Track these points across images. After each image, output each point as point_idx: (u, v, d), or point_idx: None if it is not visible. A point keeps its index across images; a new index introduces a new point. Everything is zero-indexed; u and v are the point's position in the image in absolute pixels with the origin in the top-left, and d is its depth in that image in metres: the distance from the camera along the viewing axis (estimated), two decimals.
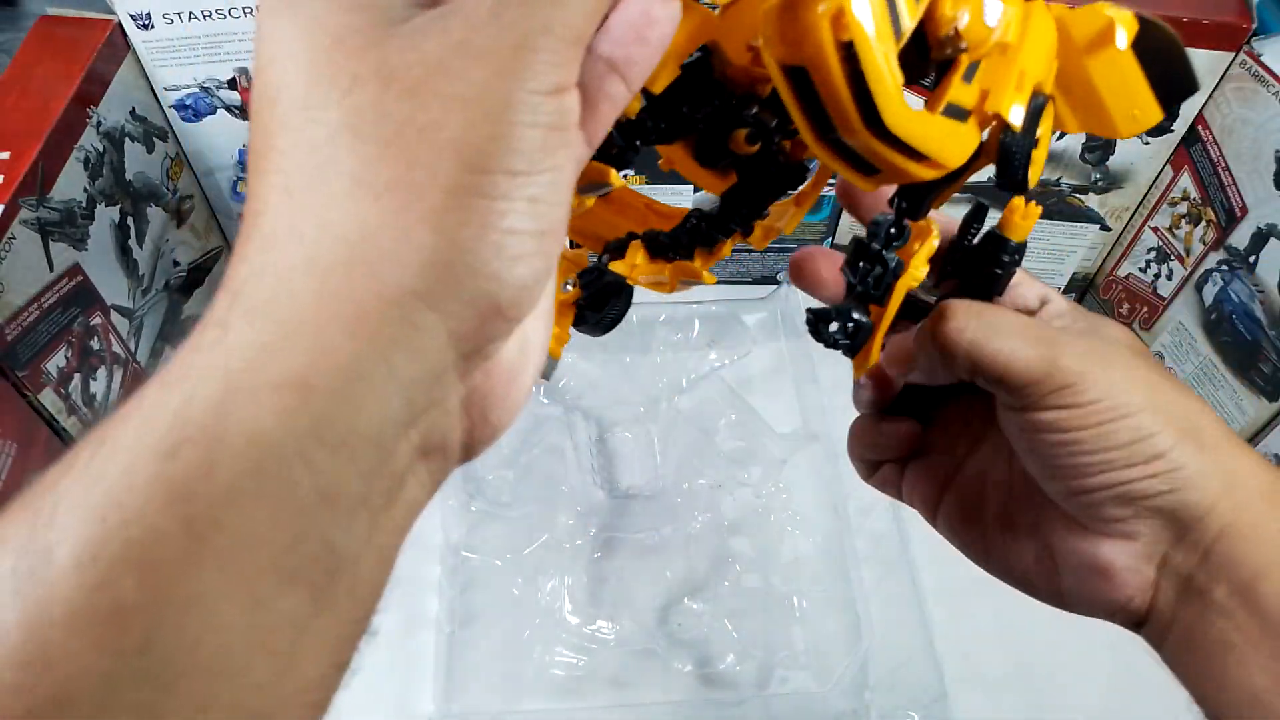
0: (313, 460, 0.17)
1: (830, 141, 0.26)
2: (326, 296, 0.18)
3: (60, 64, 0.52)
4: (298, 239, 0.18)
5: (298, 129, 0.18)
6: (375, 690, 0.54)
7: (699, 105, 0.29)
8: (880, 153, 0.26)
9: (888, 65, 0.24)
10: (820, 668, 0.56)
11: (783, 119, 0.29)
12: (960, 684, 0.55)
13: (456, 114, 0.18)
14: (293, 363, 0.17)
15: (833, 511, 0.61)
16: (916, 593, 0.57)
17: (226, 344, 0.17)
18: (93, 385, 0.51)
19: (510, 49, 0.18)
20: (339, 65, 0.18)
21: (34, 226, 0.46)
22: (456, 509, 0.61)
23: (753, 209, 0.33)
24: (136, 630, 0.16)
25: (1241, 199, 0.61)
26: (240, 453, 0.17)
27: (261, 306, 0.18)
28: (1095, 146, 0.67)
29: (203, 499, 0.16)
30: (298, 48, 0.19)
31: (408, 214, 0.18)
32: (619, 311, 0.35)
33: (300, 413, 0.17)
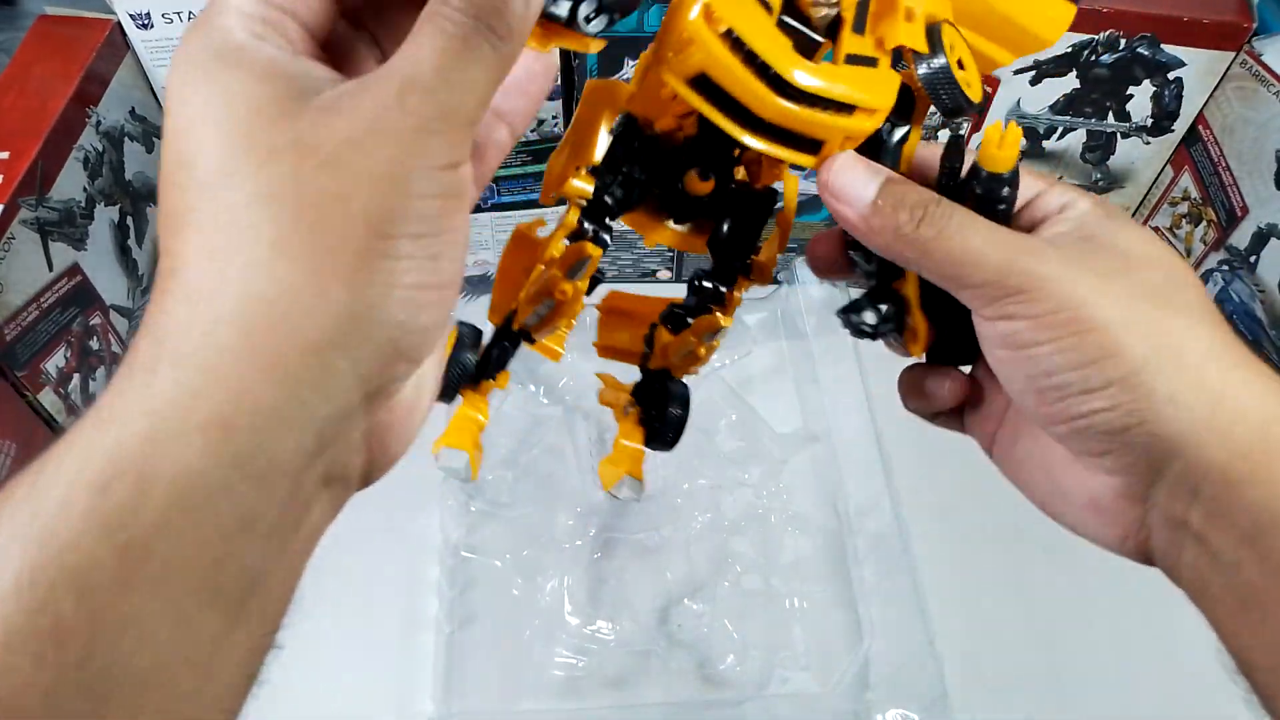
0: (234, 491, 0.19)
1: (759, 128, 0.27)
2: (251, 349, 0.20)
3: (59, 63, 0.52)
4: (222, 297, 0.20)
5: (215, 195, 0.20)
6: (375, 691, 0.54)
7: (639, 162, 0.31)
8: (803, 117, 0.26)
9: (768, 33, 0.26)
10: (821, 668, 0.55)
11: (717, 145, 0.30)
12: (961, 684, 0.54)
13: (366, 187, 0.20)
14: (218, 406, 0.19)
15: (833, 512, 0.61)
16: (917, 593, 0.57)
17: (154, 389, 0.19)
18: (92, 385, 0.51)
19: (412, 131, 0.20)
20: (256, 137, 0.20)
21: (33, 226, 0.46)
22: (456, 509, 0.61)
23: (741, 246, 0.33)
24: (75, 647, 0.18)
25: (1242, 199, 0.61)
26: (169, 487, 0.19)
27: (189, 356, 0.19)
28: (1096, 146, 0.67)
29: (135, 529, 0.18)
30: (216, 116, 0.21)
31: (323, 275, 0.20)
32: (680, 416, 0.36)
33: (224, 449, 0.19)
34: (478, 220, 0.71)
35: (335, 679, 0.54)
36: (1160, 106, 0.63)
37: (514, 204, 0.71)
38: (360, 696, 0.54)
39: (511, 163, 0.68)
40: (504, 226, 0.72)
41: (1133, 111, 0.64)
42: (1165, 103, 0.63)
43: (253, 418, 0.19)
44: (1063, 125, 0.65)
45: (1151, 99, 0.63)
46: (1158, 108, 0.64)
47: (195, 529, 0.19)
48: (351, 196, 0.20)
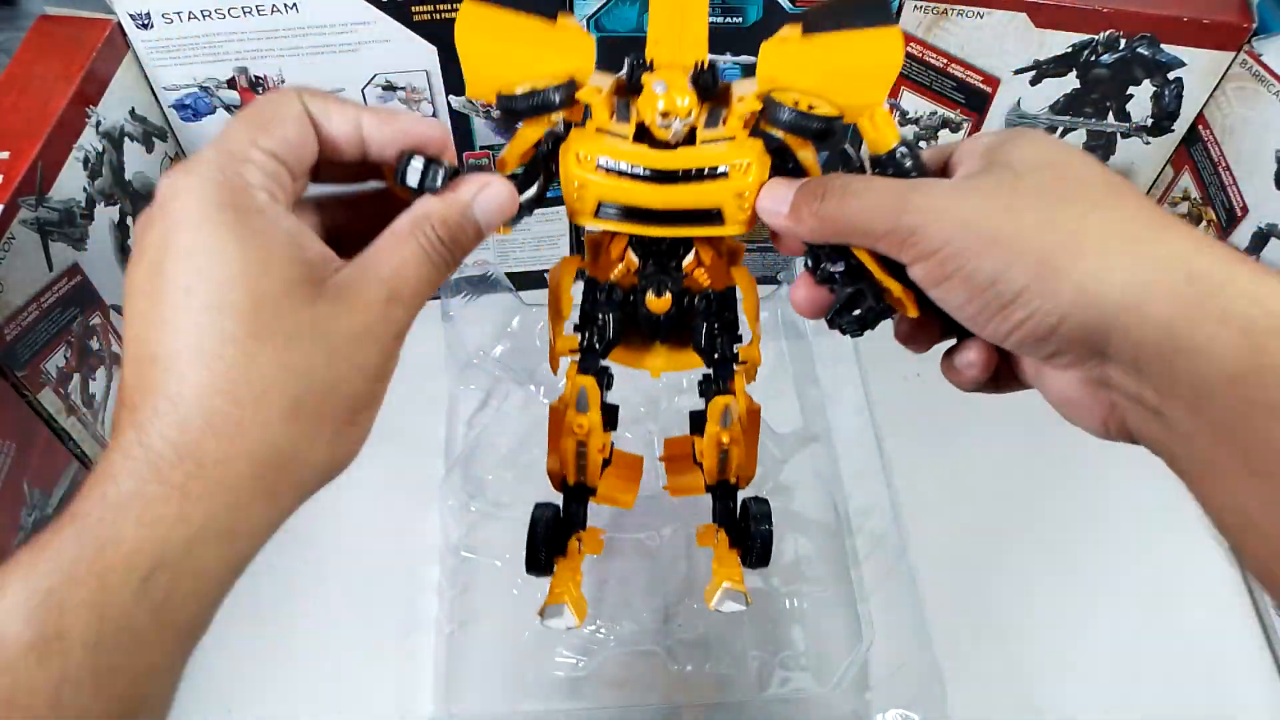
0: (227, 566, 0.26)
1: (664, 220, 0.33)
2: (258, 483, 0.25)
3: (59, 64, 0.52)
4: (243, 440, 0.25)
5: (240, 365, 0.25)
6: (375, 691, 0.54)
7: (606, 307, 0.37)
8: (690, 192, 0.32)
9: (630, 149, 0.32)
10: (820, 668, 0.55)
11: (657, 264, 0.36)
12: (960, 684, 0.54)
13: (356, 378, 0.27)
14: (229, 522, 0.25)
15: (833, 512, 0.61)
16: (916, 593, 0.57)
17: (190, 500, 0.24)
18: (92, 385, 0.51)
19: (391, 339, 0.28)
20: (284, 320, 0.25)
21: (33, 226, 0.46)
22: (456, 510, 0.61)
23: (723, 342, 0.38)
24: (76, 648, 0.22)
25: (1242, 199, 0.61)
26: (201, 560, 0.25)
27: (210, 488, 0.24)
28: (1096, 146, 0.67)
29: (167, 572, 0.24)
30: (248, 286, 0.25)
31: (315, 440, 0.26)
32: (769, 531, 0.39)
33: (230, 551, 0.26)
34: None
35: (335, 679, 0.54)
36: (1160, 106, 0.63)
37: None
38: (360, 696, 0.54)
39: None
40: None
41: (1133, 111, 0.64)
42: (1165, 103, 0.63)
43: (251, 530, 0.26)
44: (1063, 125, 0.65)
45: (1151, 99, 0.63)
46: (1158, 108, 0.64)
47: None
48: (345, 384, 0.27)
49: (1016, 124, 0.66)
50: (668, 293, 0.36)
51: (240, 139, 0.26)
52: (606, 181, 0.33)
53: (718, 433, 0.38)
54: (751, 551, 0.38)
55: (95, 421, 0.51)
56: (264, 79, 0.59)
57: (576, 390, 0.37)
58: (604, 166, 0.32)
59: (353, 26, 0.58)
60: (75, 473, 0.49)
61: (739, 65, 0.62)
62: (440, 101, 0.62)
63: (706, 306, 0.37)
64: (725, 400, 0.38)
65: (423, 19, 0.58)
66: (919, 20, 0.61)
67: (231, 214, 0.25)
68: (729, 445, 0.38)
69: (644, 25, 0.60)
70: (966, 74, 0.63)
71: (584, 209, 0.34)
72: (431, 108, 0.63)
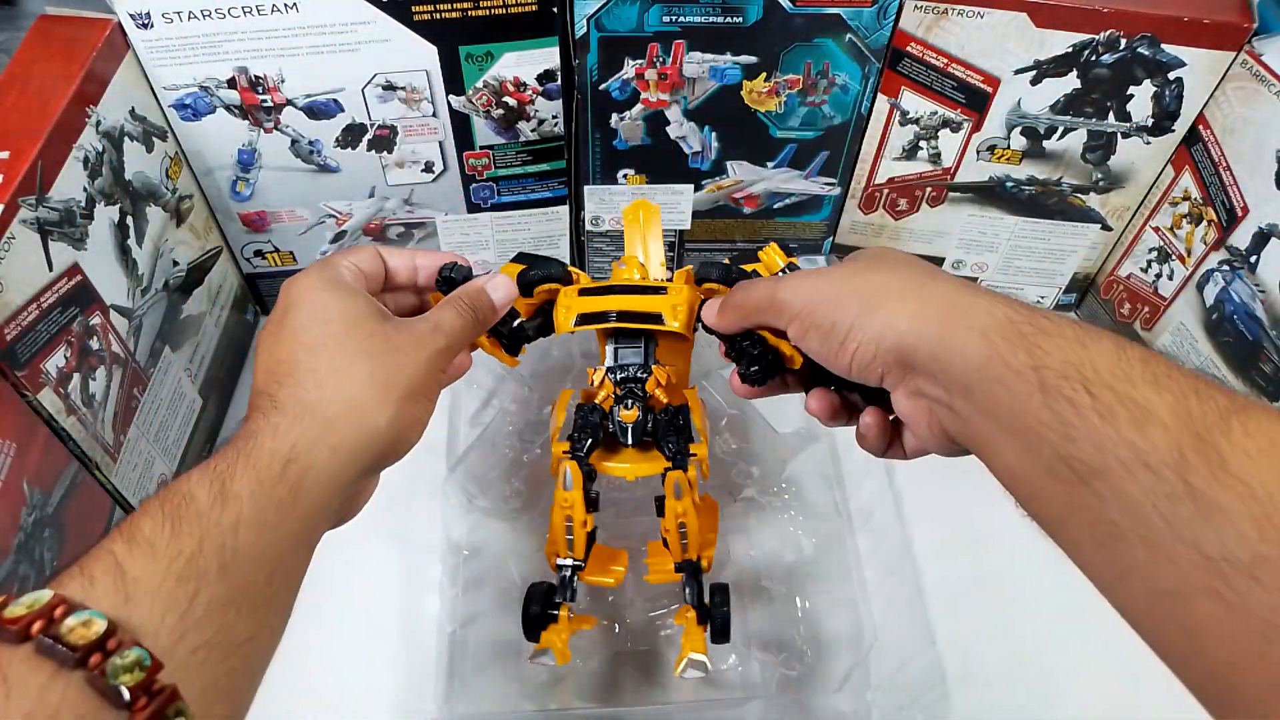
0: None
1: (620, 319, 0.47)
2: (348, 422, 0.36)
3: (59, 63, 0.51)
4: (328, 402, 0.36)
5: (335, 350, 0.37)
6: (377, 690, 0.54)
7: (587, 415, 0.49)
8: (640, 300, 0.47)
9: (602, 283, 0.49)
10: (822, 668, 0.56)
11: (626, 387, 0.49)
12: (962, 684, 0.55)
13: (412, 368, 0.39)
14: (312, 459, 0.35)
15: (834, 511, 0.61)
16: (919, 592, 0.57)
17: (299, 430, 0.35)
18: (92, 385, 0.51)
19: (438, 351, 0.40)
20: (361, 326, 0.39)
21: (33, 226, 0.46)
22: (458, 508, 0.61)
23: (677, 442, 0.49)
24: None
25: (1243, 199, 0.61)
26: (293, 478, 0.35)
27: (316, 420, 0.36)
28: (1096, 146, 0.67)
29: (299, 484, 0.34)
30: (340, 311, 0.39)
31: (386, 401, 0.37)
32: (727, 612, 0.49)
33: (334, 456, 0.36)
34: (478, 220, 0.71)
35: (337, 677, 0.54)
36: (1161, 106, 0.63)
37: (512, 204, 0.71)
38: (361, 695, 0.54)
39: (512, 163, 0.68)
40: (502, 227, 0.72)
41: (1133, 111, 0.64)
42: (1166, 103, 0.63)
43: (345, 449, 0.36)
44: (1063, 125, 0.65)
45: (1152, 99, 0.63)
46: (1158, 108, 0.64)
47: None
48: (403, 370, 0.38)
49: (1017, 124, 0.66)
50: (636, 407, 0.48)
51: (335, 257, 0.42)
52: (589, 298, 0.48)
53: (674, 504, 0.48)
54: (718, 631, 0.48)
55: (95, 421, 0.51)
56: (264, 79, 0.59)
57: (563, 472, 0.48)
58: (585, 289, 0.48)
59: (353, 26, 0.58)
60: (75, 472, 0.49)
61: (739, 65, 0.62)
62: (440, 101, 0.62)
63: (666, 418, 0.49)
64: (676, 474, 0.47)
65: (423, 19, 0.58)
66: (919, 20, 0.61)
67: (331, 285, 0.39)
68: (683, 516, 0.47)
69: (643, 25, 0.60)
70: (967, 74, 0.63)
71: (567, 321, 0.48)
72: (431, 107, 0.63)
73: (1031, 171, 0.69)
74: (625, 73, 0.63)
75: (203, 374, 0.65)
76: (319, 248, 0.71)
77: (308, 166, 0.65)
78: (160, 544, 0.29)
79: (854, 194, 0.73)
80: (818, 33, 0.61)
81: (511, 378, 0.67)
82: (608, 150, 0.68)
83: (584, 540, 0.49)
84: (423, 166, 0.67)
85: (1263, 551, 0.25)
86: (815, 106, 0.65)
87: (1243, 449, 0.26)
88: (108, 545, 0.29)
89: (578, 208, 0.73)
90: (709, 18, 0.60)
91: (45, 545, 0.45)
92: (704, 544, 0.50)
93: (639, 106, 0.65)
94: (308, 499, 0.34)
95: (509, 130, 0.65)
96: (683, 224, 0.74)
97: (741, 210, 0.73)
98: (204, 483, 0.31)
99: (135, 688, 0.26)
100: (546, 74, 0.62)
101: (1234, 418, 0.27)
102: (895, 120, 0.67)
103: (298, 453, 0.34)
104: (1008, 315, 0.33)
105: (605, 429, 0.49)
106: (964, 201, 0.72)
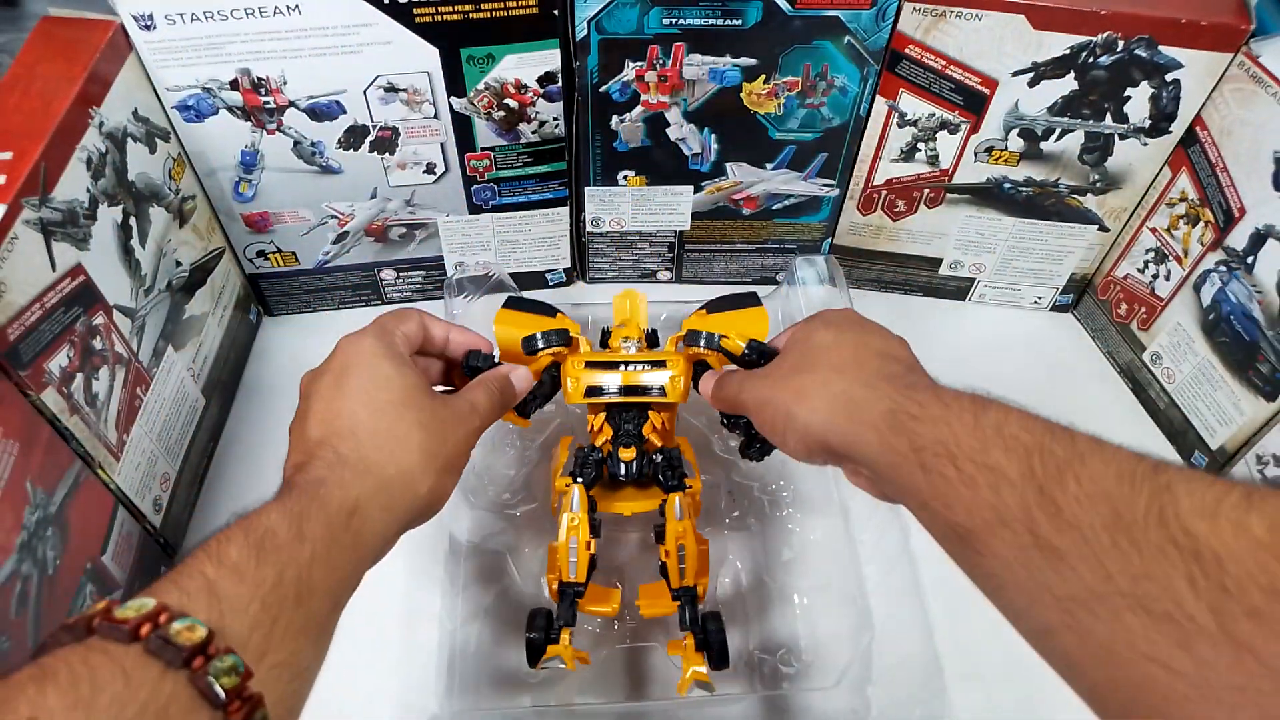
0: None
1: (625, 393, 0.54)
2: (398, 482, 0.40)
3: (62, 64, 0.52)
4: (383, 468, 0.40)
5: (394, 419, 0.41)
6: (378, 688, 0.54)
7: (586, 455, 0.54)
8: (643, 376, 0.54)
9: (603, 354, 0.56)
10: (822, 665, 0.56)
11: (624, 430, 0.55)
12: (961, 680, 0.55)
13: (453, 444, 0.43)
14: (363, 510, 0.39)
15: (834, 508, 0.62)
16: (918, 589, 0.57)
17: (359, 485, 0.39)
18: (95, 385, 0.51)
19: (473, 430, 0.45)
20: (411, 400, 0.42)
21: (36, 226, 0.46)
22: (460, 507, 0.61)
23: (672, 477, 0.54)
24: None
25: (1240, 200, 0.61)
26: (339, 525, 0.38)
27: (374, 478, 0.40)
28: (1094, 148, 0.67)
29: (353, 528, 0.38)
30: (394, 383, 0.42)
31: (429, 472, 0.41)
32: (723, 639, 0.51)
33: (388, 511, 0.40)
34: (479, 221, 0.72)
35: (338, 675, 0.54)
36: (1158, 108, 0.64)
37: (513, 205, 0.71)
38: (363, 693, 0.54)
39: (513, 165, 0.68)
40: (503, 227, 0.73)
41: (1131, 113, 0.64)
42: (1163, 104, 0.63)
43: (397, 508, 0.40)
44: (1061, 127, 0.66)
45: (1149, 100, 0.63)
46: (1155, 109, 0.64)
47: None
48: (448, 443, 0.43)
49: (1015, 126, 0.66)
50: (633, 446, 0.54)
51: (389, 322, 0.46)
52: (594, 372, 0.54)
53: (674, 526, 0.51)
54: (716, 657, 0.50)
55: (98, 421, 0.51)
56: (266, 80, 0.60)
57: (570, 495, 0.52)
58: (591, 362, 0.54)
59: (355, 28, 0.58)
60: (78, 471, 0.49)
61: (738, 67, 0.63)
62: (442, 103, 0.63)
63: (662, 458, 0.54)
64: (675, 495, 0.52)
65: (425, 21, 0.58)
66: (917, 22, 0.61)
67: (390, 355, 0.43)
68: (682, 538, 0.51)
69: (643, 27, 0.60)
70: (965, 76, 0.63)
71: (577, 392, 0.54)
72: (433, 109, 0.63)
73: (1029, 173, 0.69)
74: (625, 75, 0.63)
75: (205, 374, 0.66)
76: (321, 248, 0.71)
77: (310, 168, 0.65)
78: (247, 571, 0.32)
79: (852, 195, 0.73)
80: (817, 35, 0.61)
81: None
82: (608, 152, 0.68)
83: (586, 563, 0.51)
84: (424, 168, 0.67)
85: (1096, 588, 0.28)
86: (814, 108, 0.66)
87: (1074, 497, 0.30)
88: (196, 566, 0.32)
89: (578, 209, 0.73)
90: (709, 20, 0.60)
91: (48, 544, 0.46)
92: (699, 571, 0.52)
93: (639, 108, 0.65)
94: (363, 547, 0.38)
95: (510, 132, 0.66)
96: (682, 225, 0.75)
97: (741, 211, 0.73)
98: (283, 520, 0.35)
99: (230, 690, 0.28)
100: (547, 76, 0.63)
101: (1068, 470, 0.31)
102: (894, 122, 0.67)
103: (359, 506, 0.38)
104: (892, 407, 0.38)
105: (605, 470, 0.54)
106: (962, 203, 0.72)
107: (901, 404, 0.38)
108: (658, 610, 0.53)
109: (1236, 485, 0.27)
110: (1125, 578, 0.28)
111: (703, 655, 0.50)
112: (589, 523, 0.52)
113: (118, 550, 0.53)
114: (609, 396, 0.53)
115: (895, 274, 0.79)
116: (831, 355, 0.43)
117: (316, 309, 0.76)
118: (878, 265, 0.78)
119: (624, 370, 0.53)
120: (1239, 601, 0.25)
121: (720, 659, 0.50)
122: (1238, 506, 0.27)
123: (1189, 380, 0.68)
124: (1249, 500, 0.27)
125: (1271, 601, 0.24)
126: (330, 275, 0.74)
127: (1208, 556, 0.26)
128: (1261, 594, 0.25)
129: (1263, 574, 0.25)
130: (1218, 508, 0.27)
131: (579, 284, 0.80)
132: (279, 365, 0.73)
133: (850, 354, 0.43)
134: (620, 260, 0.78)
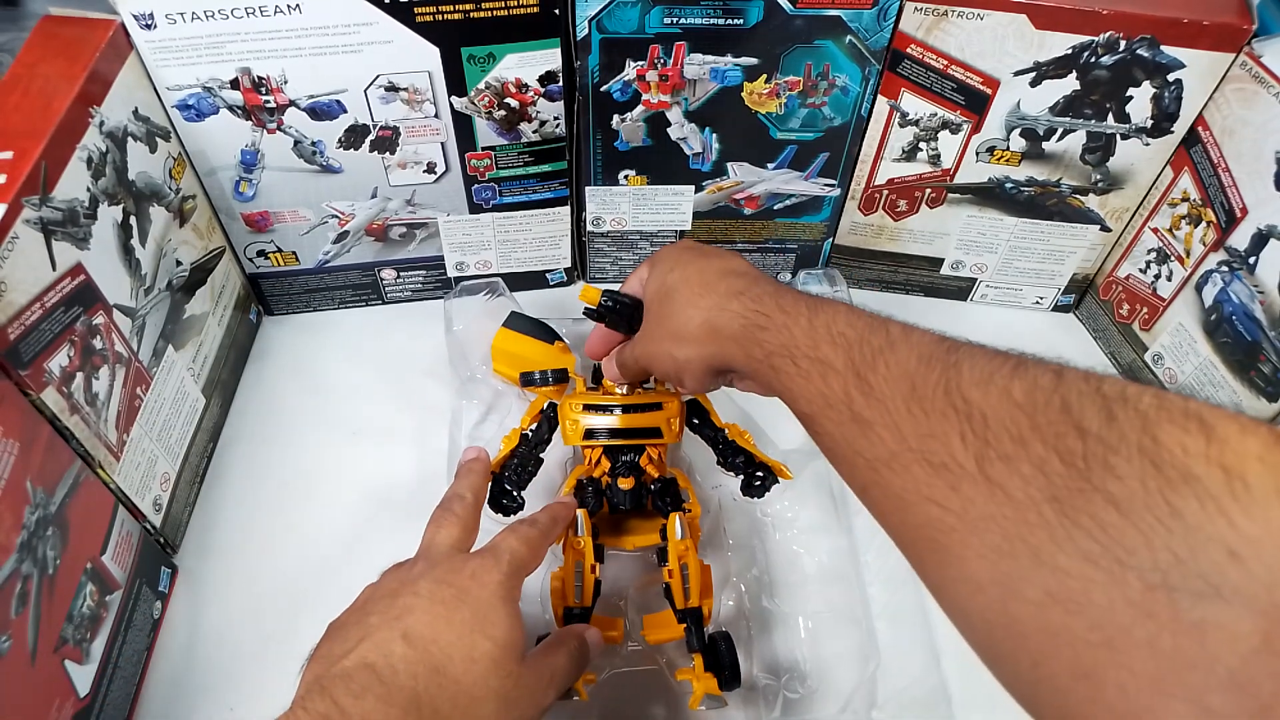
0: None
1: (622, 435, 0.56)
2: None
3: (63, 64, 0.52)
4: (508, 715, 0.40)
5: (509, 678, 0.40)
6: None
7: (586, 487, 0.55)
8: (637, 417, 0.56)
9: (597, 395, 0.58)
10: (826, 690, 0.55)
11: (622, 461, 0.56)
12: (967, 704, 0.54)
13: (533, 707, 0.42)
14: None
15: (839, 529, 0.61)
16: (924, 611, 0.56)
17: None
18: (95, 384, 0.51)
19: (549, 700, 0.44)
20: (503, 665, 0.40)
21: (36, 226, 0.46)
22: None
23: (669, 501, 0.55)
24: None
25: (1241, 200, 0.61)
26: None
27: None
28: (1095, 148, 0.67)
29: None
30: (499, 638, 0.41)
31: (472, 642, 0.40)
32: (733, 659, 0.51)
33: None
34: (480, 221, 0.72)
35: None
36: (1160, 108, 0.64)
37: (514, 205, 0.71)
38: None
39: (514, 164, 0.68)
40: (504, 227, 0.72)
41: (1132, 113, 0.64)
42: (1165, 104, 0.63)
43: None
44: (1062, 127, 0.66)
45: (1151, 100, 0.63)
46: (1157, 109, 0.64)
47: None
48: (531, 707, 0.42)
49: (1016, 126, 0.66)
50: (631, 476, 0.55)
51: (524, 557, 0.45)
52: (588, 420, 0.56)
53: (676, 544, 0.52)
54: (727, 678, 0.50)
55: (98, 420, 0.51)
56: (267, 79, 0.59)
57: (575, 519, 0.53)
58: (587, 405, 0.56)
59: (356, 27, 0.58)
60: (78, 471, 0.49)
61: (739, 67, 0.63)
62: (442, 102, 0.63)
63: (659, 486, 0.56)
64: (674, 515, 0.53)
65: (426, 20, 0.58)
66: (919, 21, 0.61)
67: (508, 603, 0.42)
68: (684, 556, 0.51)
69: (644, 26, 0.60)
70: (966, 75, 0.63)
71: (575, 435, 0.56)
72: (434, 108, 0.63)
73: (1031, 173, 0.69)
74: (626, 74, 0.63)
75: (205, 373, 0.66)
76: (321, 248, 0.71)
77: (310, 167, 0.65)
78: None
79: (854, 195, 0.73)
80: (818, 34, 0.61)
81: (510, 392, 0.68)
82: (609, 151, 0.68)
83: (591, 587, 0.52)
84: (425, 167, 0.67)
85: (894, 449, 0.33)
86: (815, 108, 0.66)
87: (883, 378, 0.35)
88: None
89: (579, 209, 0.73)
90: (710, 19, 0.60)
91: (48, 544, 0.46)
92: (704, 591, 0.52)
93: (640, 108, 0.65)
94: None
95: (510, 131, 0.66)
96: (683, 225, 0.74)
97: (742, 211, 0.73)
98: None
99: None
100: (548, 75, 0.63)
101: (880, 357, 0.36)
102: (895, 121, 0.67)
103: None
104: (744, 322, 0.43)
105: (604, 501, 0.55)
106: (963, 202, 0.72)
107: (751, 318, 0.43)
108: (664, 635, 0.53)
109: (1011, 358, 0.32)
110: (915, 438, 0.33)
111: (712, 675, 0.49)
112: (594, 547, 0.52)
113: (118, 550, 0.53)
114: (606, 440, 0.56)
115: (896, 274, 0.79)
116: (685, 292, 0.47)
117: (317, 308, 0.76)
118: (879, 265, 0.78)
119: (619, 414, 0.56)
120: (995, 449, 0.30)
121: (733, 678, 0.50)
122: (1006, 376, 0.31)
123: (1191, 381, 0.68)
124: (1015, 370, 0.31)
125: (1017, 447, 0.29)
126: (330, 275, 0.74)
127: (976, 416, 0.31)
128: (1011, 442, 0.29)
129: (1014, 426, 0.30)
130: (991, 377, 0.32)
131: (580, 284, 0.80)
132: (279, 365, 0.73)
133: (699, 284, 0.47)
134: (621, 260, 0.78)
